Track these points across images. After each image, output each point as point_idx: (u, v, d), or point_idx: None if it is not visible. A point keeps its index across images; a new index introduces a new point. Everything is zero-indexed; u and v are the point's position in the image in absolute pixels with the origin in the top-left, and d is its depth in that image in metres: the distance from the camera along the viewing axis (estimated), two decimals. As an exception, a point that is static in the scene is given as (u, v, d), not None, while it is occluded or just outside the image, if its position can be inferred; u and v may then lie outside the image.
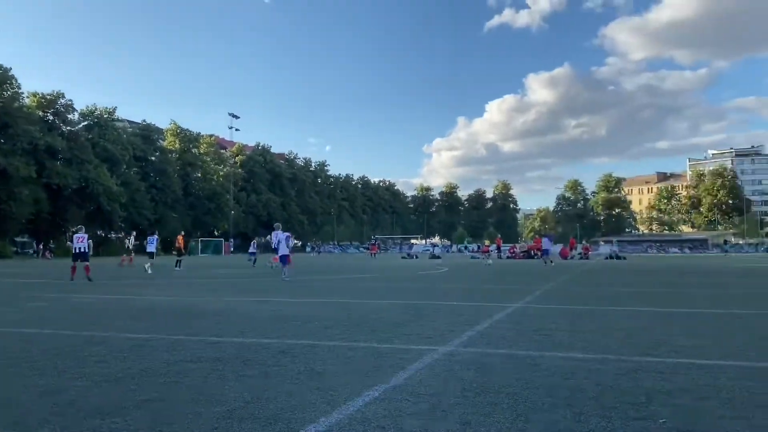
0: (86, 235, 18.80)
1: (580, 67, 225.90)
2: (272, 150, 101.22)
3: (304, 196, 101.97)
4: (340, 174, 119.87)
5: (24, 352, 5.90)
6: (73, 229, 19.79)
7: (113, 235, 71.17)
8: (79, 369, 5.06)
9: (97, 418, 3.61)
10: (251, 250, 35.51)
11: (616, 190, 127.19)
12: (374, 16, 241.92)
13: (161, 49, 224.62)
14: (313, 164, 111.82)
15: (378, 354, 5.71)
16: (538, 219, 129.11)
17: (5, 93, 53.66)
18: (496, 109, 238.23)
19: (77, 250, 18.31)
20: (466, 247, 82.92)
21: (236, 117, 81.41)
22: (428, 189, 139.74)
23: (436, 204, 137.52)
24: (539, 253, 36.99)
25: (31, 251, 63.74)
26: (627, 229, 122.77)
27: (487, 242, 45.97)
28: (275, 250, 21.81)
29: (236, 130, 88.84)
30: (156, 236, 27.14)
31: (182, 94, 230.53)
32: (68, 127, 62.50)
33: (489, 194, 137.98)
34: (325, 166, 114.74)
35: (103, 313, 9.41)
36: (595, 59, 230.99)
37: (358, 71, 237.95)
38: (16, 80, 54.69)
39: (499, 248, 51.72)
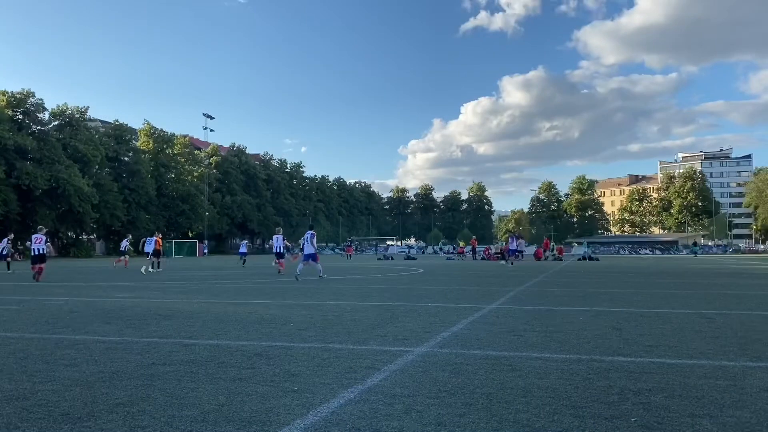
0: (44, 237, 18.48)
1: (554, 71, 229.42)
2: (247, 151, 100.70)
3: (279, 198, 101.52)
4: (315, 175, 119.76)
5: (-8, 356, 5.78)
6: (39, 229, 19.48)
7: (84, 237, 70.03)
8: (49, 373, 4.97)
9: (67, 423, 3.55)
10: (242, 250, 36.64)
11: (589, 192, 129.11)
12: (350, 18, 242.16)
13: (135, 49, 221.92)
14: (288, 165, 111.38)
15: (353, 355, 5.70)
16: (513, 220, 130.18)
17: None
18: (471, 111, 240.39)
19: (35, 252, 18.00)
20: (441, 248, 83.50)
21: (211, 117, 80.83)
22: (404, 191, 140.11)
23: (412, 206, 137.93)
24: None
25: (-1, 253, 62.28)
26: (600, 231, 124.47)
27: (462, 243, 46.19)
28: (278, 254, 22.55)
29: (211, 130, 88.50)
30: (155, 238, 27.14)
31: (156, 94, 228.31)
32: (38, 127, 61.43)
33: (464, 196, 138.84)
34: (301, 167, 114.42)
35: (74, 316, 9.24)
36: (568, 63, 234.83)
37: (334, 72, 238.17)
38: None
39: (474, 249, 52.11)
